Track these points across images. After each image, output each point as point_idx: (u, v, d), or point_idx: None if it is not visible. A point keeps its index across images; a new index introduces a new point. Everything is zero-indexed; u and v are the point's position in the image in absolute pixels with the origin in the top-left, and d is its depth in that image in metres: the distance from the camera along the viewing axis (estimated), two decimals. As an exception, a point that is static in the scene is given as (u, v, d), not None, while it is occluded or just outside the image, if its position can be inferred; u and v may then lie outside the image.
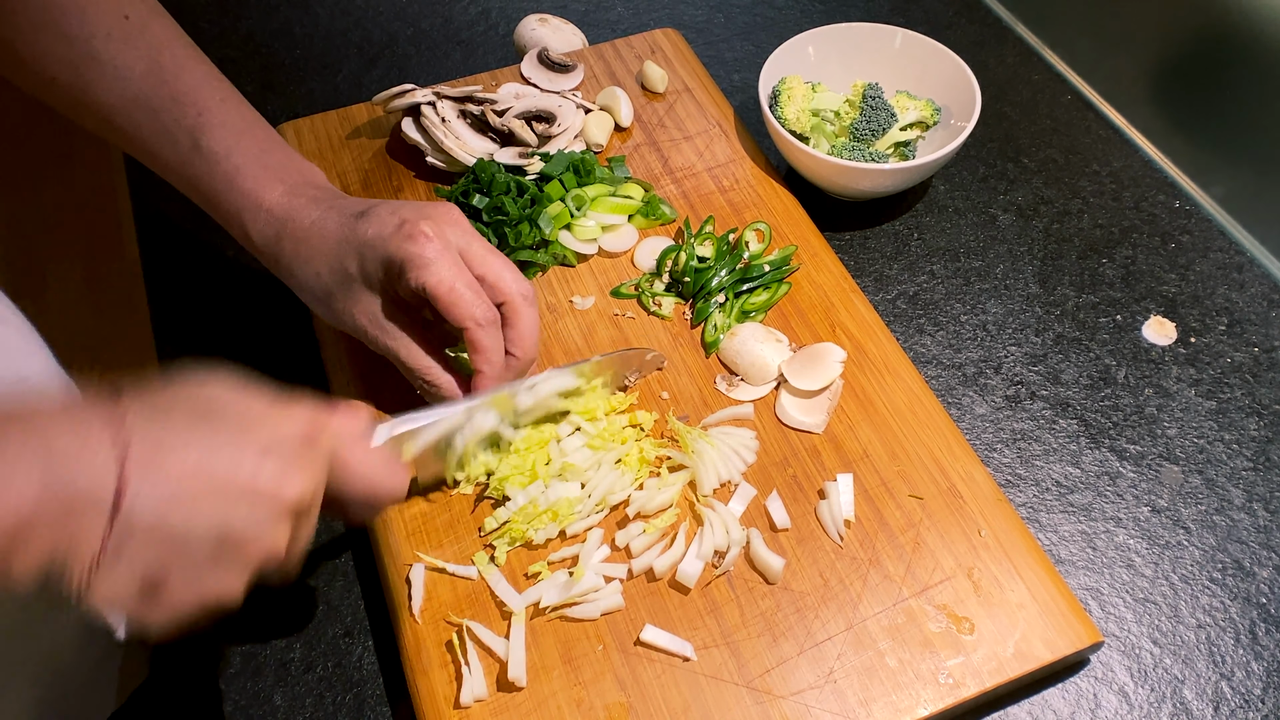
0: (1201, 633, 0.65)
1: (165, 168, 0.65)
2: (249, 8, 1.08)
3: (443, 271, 0.60)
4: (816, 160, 0.81)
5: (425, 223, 0.61)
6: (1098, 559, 0.68)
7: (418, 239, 0.60)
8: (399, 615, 0.62)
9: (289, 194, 0.64)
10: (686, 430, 0.67)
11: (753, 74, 0.97)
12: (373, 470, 0.53)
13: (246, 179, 0.63)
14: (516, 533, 0.64)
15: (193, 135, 0.63)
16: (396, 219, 0.61)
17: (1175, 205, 0.88)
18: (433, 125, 0.82)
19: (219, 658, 0.64)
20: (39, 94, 0.64)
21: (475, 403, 0.62)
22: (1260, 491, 0.70)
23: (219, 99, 0.64)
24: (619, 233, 0.81)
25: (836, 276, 0.78)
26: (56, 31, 0.61)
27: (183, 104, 0.63)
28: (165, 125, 0.63)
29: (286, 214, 0.63)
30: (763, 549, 0.62)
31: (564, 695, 0.58)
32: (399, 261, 0.60)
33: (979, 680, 0.59)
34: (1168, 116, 0.91)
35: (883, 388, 0.71)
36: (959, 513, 0.65)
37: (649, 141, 0.88)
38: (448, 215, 0.63)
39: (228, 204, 0.64)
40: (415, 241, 0.60)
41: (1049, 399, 0.76)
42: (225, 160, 0.63)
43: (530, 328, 0.64)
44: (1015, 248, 0.85)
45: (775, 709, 0.58)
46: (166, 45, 0.64)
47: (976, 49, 1.01)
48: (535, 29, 0.96)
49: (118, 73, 0.62)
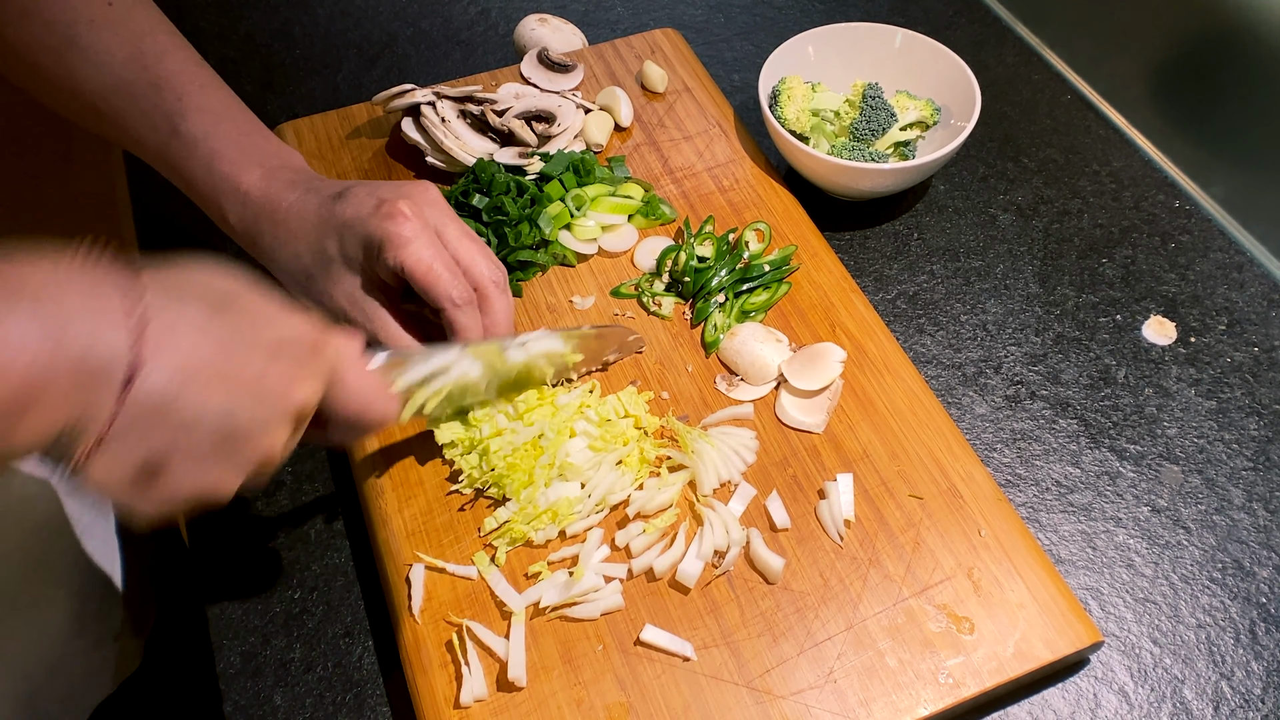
0: (1201, 632, 0.65)
1: (146, 152, 0.65)
2: (249, 8, 1.08)
3: (421, 251, 0.60)
4: (816, 160, 0.81)
5: (403, 202, 0.61)
6: (1098, 559, 0.68)
7: (396, 218, 0.60)
8: (399, 615, 0.62)
9: (267, 177, 0.64)
10: (686, 430, 0.67)
11: (753, 74, 0.97)
12: (368, 391, 0.52)
13: (224, 162, 0.64)
14: (516, 533, 0.64)
15: (171, 120, 0.63)
16: (375, 199, 0.62)
17: (1175, 205, 0.88)
18: (432, 125, 0.82)
19: (219, 658, 0.64)
20: (25, 83, 0.65)
21: (468, 346, 0.63)
22: (1260, 491, 0.70)
23: (199, 84, 0.65)
24: (619, 233, 0.81)
25: (836, 276, 0.78)
26: (40, 19, 0.61)
27: (162, 89, 0.63)
28: (145, 110, 0.63)
29: (264, 197, 0.64)
30: (763, 549, 0.62)
31: (564, 695, 0.58)
32: (378, 240, 0.60)
33: (979, 680, 0.59)
34: (1168, 116, 0.91)
35: (883, 388, 0.71)
36: (959, 512, 0.65)
37: (649, 141, 0.88)
38: (425, 195, 0.63)
39: (206, 187, 0.64)
40: (394, 220, 0.60)
41: (1049, 399, 0.76)
42: (203, 144, 0.63)
43: (503, 313, 0.65)
44: (1015, 247, 0.85)
45: (775, 709, 0.58)
46: (148, 32, 0.64)
47: (976, 49, 1.01)
48: (535, 29, 0.96)
49: (99, 59, 0.62)
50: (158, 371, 0.41)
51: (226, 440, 0.44)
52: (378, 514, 0.66)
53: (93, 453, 0.41)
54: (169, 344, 0.42)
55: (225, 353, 0.44)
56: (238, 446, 0.45)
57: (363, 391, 0.52)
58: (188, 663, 0.82)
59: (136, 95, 0.63)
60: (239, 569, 0.67)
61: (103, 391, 0.40)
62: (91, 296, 0.40)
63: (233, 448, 0.45)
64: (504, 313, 0.64)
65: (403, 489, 0.67)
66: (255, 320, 0.46)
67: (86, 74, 0.63)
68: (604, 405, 0.68)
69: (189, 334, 0.43)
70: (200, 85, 0.65)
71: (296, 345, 0.47)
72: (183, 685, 0.83)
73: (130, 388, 0.40)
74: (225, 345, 0.44)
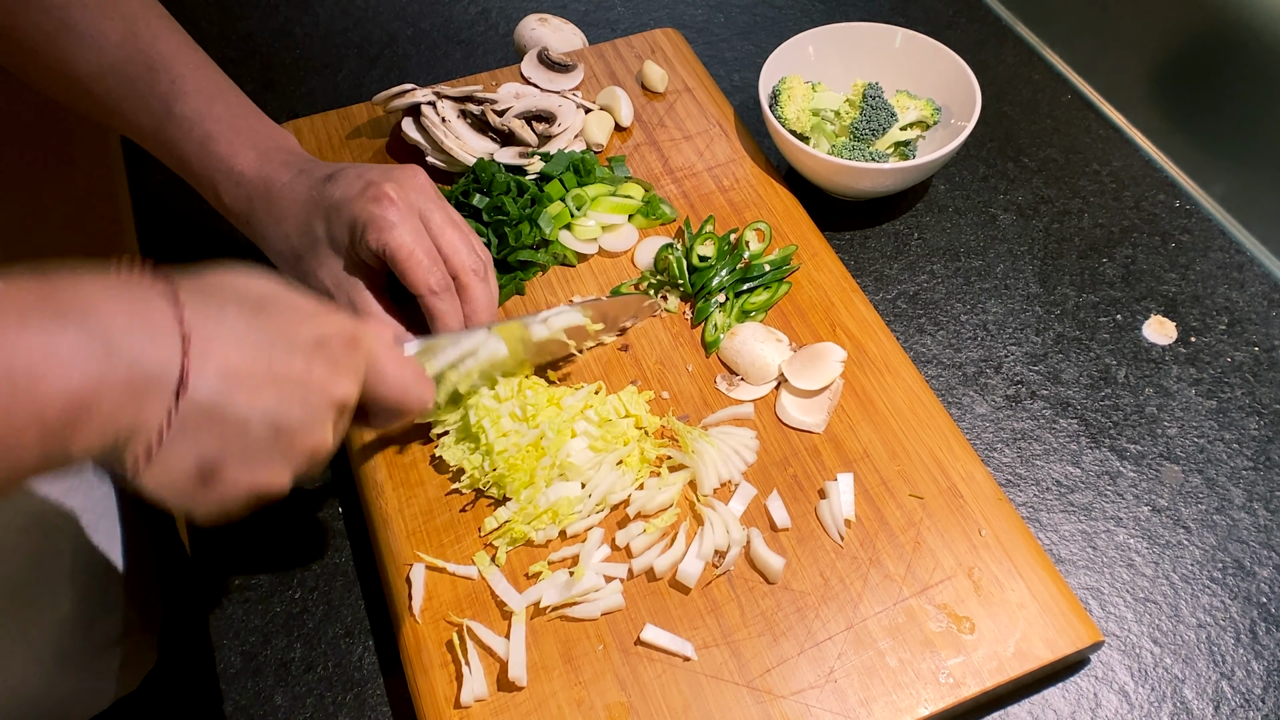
0: (1202, 632, 0.65)
1: (141, 134, 0.66)
2: (249, 8, 1.08)
3: (403, 235, 0.61)
4: (817, 160, 0.81)
5: (389, 185, 0.62)
6: (1098, 558, 0.68)
7: (381, 201, 0.61)
8: (399, 615, 0.62)
9: (261, 159, 0.65)
10: (687, 430, 0.67)
11: (753, 74, 0.97)
12: (405, 378, 0.54)
13: (219, 144, 0.64)
14: (517, 533, 0.64)
15: (166, 102, 0.64)
16: (362, 181, 0.62)
17: (1175, 205, 0.88)
18: (433, 125, 0.82)
19: (220, 658, 0.64)
20: (20, 69, 0.65)
21: (494, 327, 0.64)
22: (1260, 491, 0.70)
23: (192, 66, 0.65)
24: (619, 232, 0.81)
25: (837, 276, 0.78)
26: (36, 4, 0.62)
27: (157, 71, 0.64)
28: (140, 92, 0.64)
29: (258, 178, 0.64)
30: (763, 548, 0.62)
31: (564, 695, 0.58)
32: (361, 223, 0.61)
33: (979, 680, 0.59)
34: (1168, 116, 0.91)
35: (883, 387, 0.71)
36: (959, 512, 0.65)
37: (649, 141, 0.88)
38: (413, 180, 0.64)
39: (201, 168, 0.65)
40: (379, 204, 0.61)
41: (1049, 398, 0.76)
42: (198, 126, 0.64)
43: (484, 302, 0.65)
44: (1015, 247, 0.85)
45: (776, 708, 0.58)
46: (141, 15, 0.65)
47: (977, 48, 1.01)
48: (535, 29, 0.96)
49: (94, 42, 0.63)
50: (205, 379, 0.42)
51: (276, 438, 0.46)
52: (378, 514, 0.66)
53: (148, 459, 0.42)
54: (214, 351, 0.43)
55: (268, 355, 0.45)
56: (287, 443, 0.46)
57: (401, 378, 0.54)
58: (188, 663, 0.82)
59: (131, 78, 0.64)
60: (240, 569, 0.68)
61: (154, 402, 0.41)
62: (136, 311, 0.41)
63: (283, 445, 0.46)
64: (484, 301, 0.65)
65: (404, 489, 0.67)
66: (293, 320, 0.47)
67: (82, 57, 0.63)
68: (605, 405, 0.68)
69: (231, 340, 0.44)
70: (194, 67, 0.65)
71: (335, 341, 0.48)
72: (183, 685, 0.83)
73: (180, 396, 0.42)
74: (267, 348, 0.45)
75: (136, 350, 0.40)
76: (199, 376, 0.42)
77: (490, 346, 0.64)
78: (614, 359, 0.73)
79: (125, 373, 0.40)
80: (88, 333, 0.39)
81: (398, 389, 0.54)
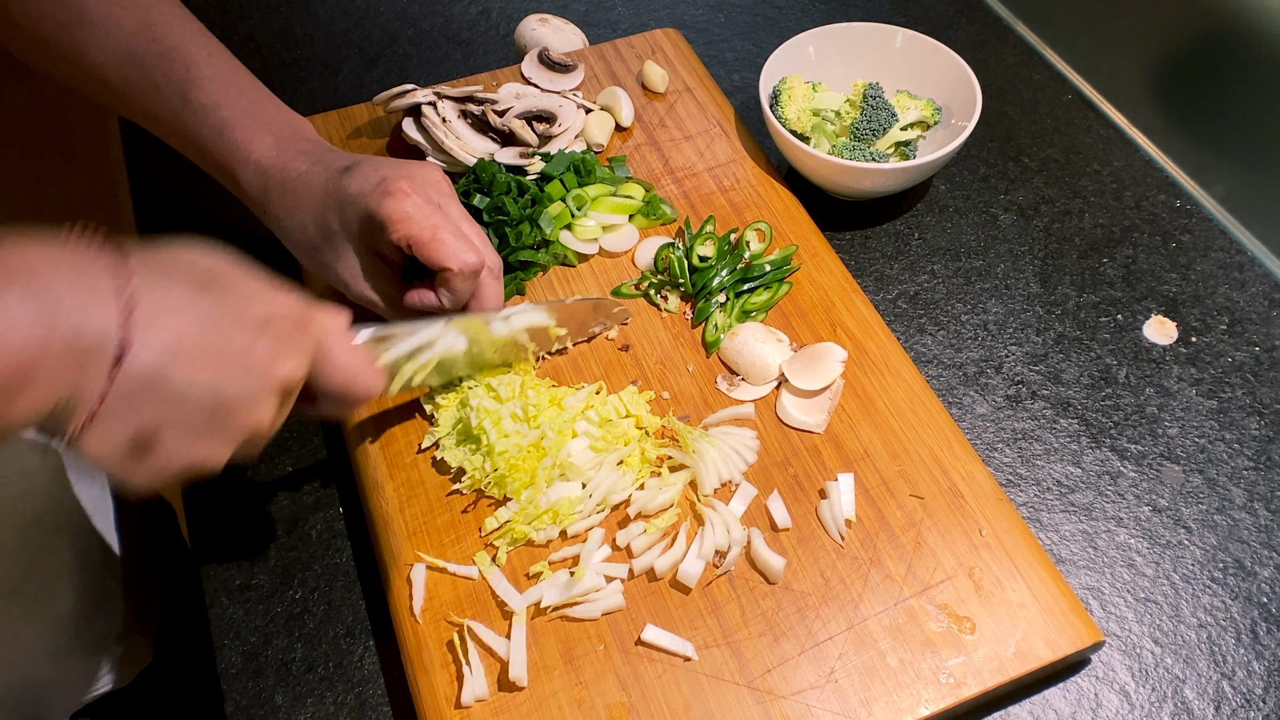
0: (1203, 632, 0.65)
1: (157, 123, 0.66)
2: (249, 8, 1.08)
3: (424, 221, 0.61)
4: (817, 160, 0.81)
5: (405, 180, 0.62)
6: (1099, 558, 0.68)
7: (396, 195, 0.61)
8: (400, 615, 0.62)
9: (278, 146, 0.65)
10: (687, 430, 0.67)
11: (753, 74, 0.97)
12: (353, 365, 0.54)
13: (236, 131, 0.64)
14: (518, 533, 0.64)
15: (182, 90, 0.64)
16: (378, 176, 0.62)
17: (1176, 204, 0.88)
18: (433, 125, 0.82)
19: (220, 658, 0.64)
20: (36, 60, 0.65)
21: (453, 320, 0.63)
22: (1261, 491, 0.70)
23: (206, 53, 0.65)
24: (620, 233, 0.81)
25: (837, 276, 0.78)
26: None
27: (171, 59, 0.64)
28: (155, 81, 0.64)
29: (275, 166, 0.64)
30: (764, 549, 0.62)
31: (565, 695, 0.58)
32: (379, 218, 0.61)
33: (980, 680, 0.59)
34: (1168, 116, 0.91)
35: (883, 387, 0.71)
36: (960, 512, 0.65)
37: (649, 141, 0.88)
38: (428, 176, 0.64)
39: (218, 156, 0.65)
40: (394, 198, 0.61)
41: (1050, 398, 0.76)
42: (214, 113, 0.64)
43: (494, 301, 0.66)
44: (1016, 247, 0.85)
45: (776, 709, 0.58)
46: (155, 4, 0.65)
47: (977, 48, 1.01)
48: (536, 29, 0.96)
49: (108, 31, 0.63)
50: (147, 349, 0.42)
51: (215, 413, 0.45)
52: (379, 514, 0.66)
53: (86, 427, 0.42)
54: (157, 322, 0.43)
55: (212, 329, 0.45)
56: (226, 419, 0.46)
57: (348, 365, 0.53)
58: (189, 663, 0.82)
59: (146, 66, 0.64)
60: (240, 569, 0.68)
61: (94, 369, 0.41)
62: (81, 278, 0.41)
63: (221, 421, 0.46)
64: (494, 300, 0.66)
65: (404, 489, 0.67)
66: (241, 297, 0.47)
67: (97, 46, 0.63)
68: (605, 405, 0.68)
69: (176, 312, 0.44)
70: (208, 54, 0.65)
71: (282, 321, 0.48)
72: (184, 685, 0.83)
73: (120, 365, 0.42)
74: (212, 322, 0.45)
75: (79, 316, 0.40)
76: (140, 346, 0.42)
77: (448, 340, 0.64)
78: (615, 359, 0.73)
79: (66, 338, 0.40)
80: (32, 298, 0.39)
81: (344, 375, 0.53)
